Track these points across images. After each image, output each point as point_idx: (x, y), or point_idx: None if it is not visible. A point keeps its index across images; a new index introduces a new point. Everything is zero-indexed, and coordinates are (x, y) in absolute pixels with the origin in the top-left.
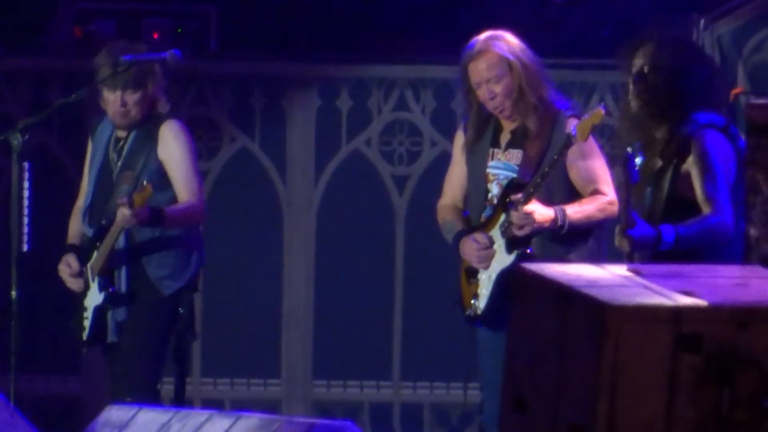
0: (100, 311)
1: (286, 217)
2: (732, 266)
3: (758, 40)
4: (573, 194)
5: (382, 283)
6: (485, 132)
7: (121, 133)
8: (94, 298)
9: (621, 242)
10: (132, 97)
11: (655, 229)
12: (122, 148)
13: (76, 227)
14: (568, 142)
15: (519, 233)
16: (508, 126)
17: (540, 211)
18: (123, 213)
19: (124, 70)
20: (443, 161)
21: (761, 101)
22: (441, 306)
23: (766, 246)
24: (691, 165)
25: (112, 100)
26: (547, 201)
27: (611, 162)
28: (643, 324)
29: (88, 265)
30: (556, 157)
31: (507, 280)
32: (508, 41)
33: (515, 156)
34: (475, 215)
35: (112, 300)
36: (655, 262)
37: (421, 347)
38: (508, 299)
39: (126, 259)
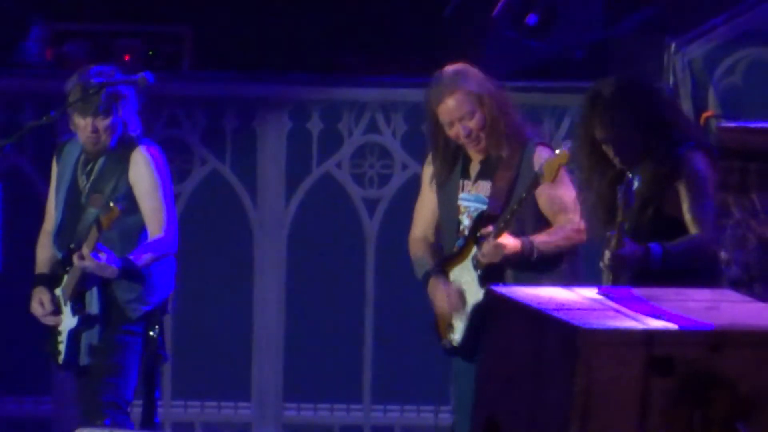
0: (74, 334)
1: (257, 240)
2: (703, 290)
3: (729, 63)
4: (543, 222)
5: (353, 306)
6: (455, 164)
7: (91, 156)
8: (68, 321)
9: (610, 262)
10: (103, 123)
11: (644, 246)
12: (92, 170)
13: (45, 254)
14: (536, 181)
15: (487, 262)
16: (476, 157)
17: (510, 244)
18: (84, 264)
19: (95, 93)
20: (414, 184)
21: (732, 125)
22: (412, 329)
23: (736, 269)
24: (680, 185)
25: (83, 126)
26: (518, 231)
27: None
28: (615, 347)
29: (60, 289)
30: (524, 195)
31: (481, 313)
32: (474, 74)
33: (485, 188)
34: (448, 246)
35: (86, 322)
36: (640, 282)
37: (392, 370)
38: (482, 332)
39: (97, 281)
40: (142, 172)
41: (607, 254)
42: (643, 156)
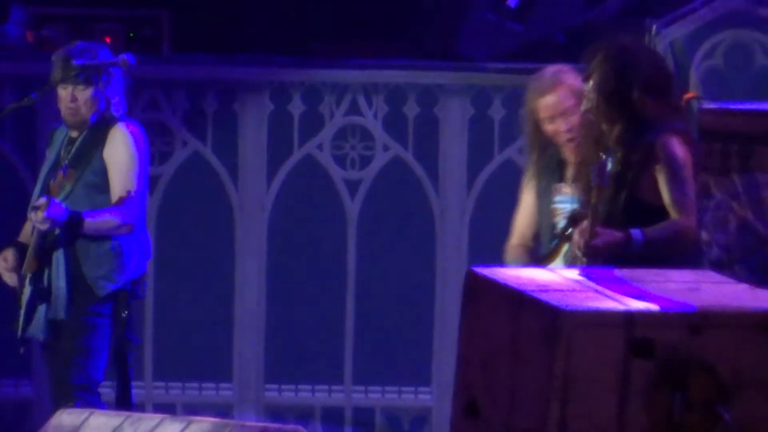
0: (29, 306)
1: (238, 222)
2: (684, 271)
3: (710, 45)
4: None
5: (334, 287)
6: (551, 168)
7: (75, 134)
8: (27, 293)
9: (585, 250)
10: (83, 94)
11: (625, 233)
12: (72, 147)
13: (29, 226)
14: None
15: (585, 257)
16: (572, 159)
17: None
18: (35, 216)
19: (74, 67)
20: (395, 166)
21: (713, 107)
22: (393, 310)
23: (716, 250)
24: (658, 171)
25: (63, 96)
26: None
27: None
28: (596, 329)
29: (25, 263)
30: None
31: None
32: (574, 73)
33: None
34: (545, 250)
35: (38, 295)
36: (620, 264)
37: (373, 351)
38: None
39: (61, 257)
40: (119, 148)
41: (579, 240)
42: (618, 132)
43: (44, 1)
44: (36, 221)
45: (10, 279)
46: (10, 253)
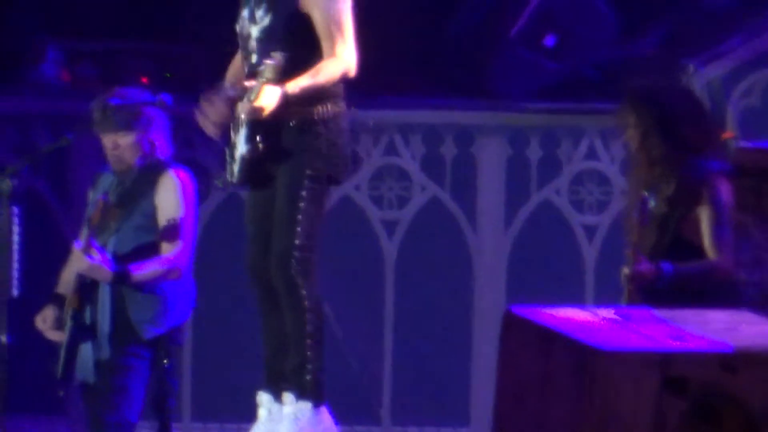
0: (70, 346)
1: None
2: (720, 310)
3: (747, 85)
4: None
5: (372, 327)
6: None
7: (123, 178)
8: (67, 332)
9: (625, 279)
10: (125, 140)
11: (655, 265)
12: (120, 190)
13: (67, 275)
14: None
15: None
16: None
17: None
18: (76, 257)
19: (114, 114)
20: (433, 205)
21: (750, 146)
22: (431, 351)
23: (753, 290)
24: (701, 210)
25: (106, 143)
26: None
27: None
28: (631, 368)
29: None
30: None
31: None
32: None
33: None
34: None
35: (80, 333)
36: (658, 300)
37: (411, 390)
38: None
39: (107, 297)
40: (168, 194)
41: (625, 270)
42: (661, 171)
43: (79, 38)
44: (80, 269)
45: (54, 336)
46: (49, 313)
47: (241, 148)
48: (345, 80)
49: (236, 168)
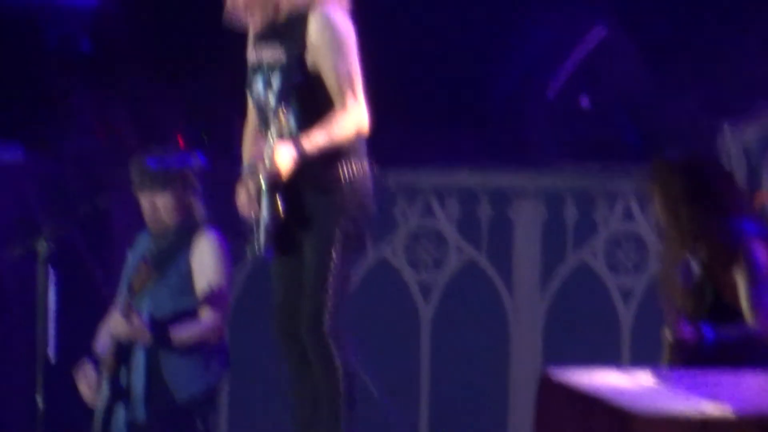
0: (107, 408)
1: None
2: (759, 373)
3: None
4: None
5: (409, 390)
6: None
7: (160, 238)
8: (103, 394)
9: (665, 342)
10: (162, 200)
11: (697, 331)
12: (157, 250)
13: (106, 334)
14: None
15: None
16: None
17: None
18: (115, 320)
19: (151, 174)
20: (468, 268)
21: None
22: (468, 414)
23: None
24: (739, 275)
25: (144, 204)
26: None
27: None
28: None
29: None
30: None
31: None
32: None
33: None
34: None
35: (116, 394)
36: (697, 362)
37: None
38: None
39: (141, 358)
40: (204, 255)
41: (667, 333)
42: (699, 236)
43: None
44: (120, 333)
45: (90, 397)
46: (89, 370)
47: (264, 218)
48: (360, 136)
49: (262, 238)
